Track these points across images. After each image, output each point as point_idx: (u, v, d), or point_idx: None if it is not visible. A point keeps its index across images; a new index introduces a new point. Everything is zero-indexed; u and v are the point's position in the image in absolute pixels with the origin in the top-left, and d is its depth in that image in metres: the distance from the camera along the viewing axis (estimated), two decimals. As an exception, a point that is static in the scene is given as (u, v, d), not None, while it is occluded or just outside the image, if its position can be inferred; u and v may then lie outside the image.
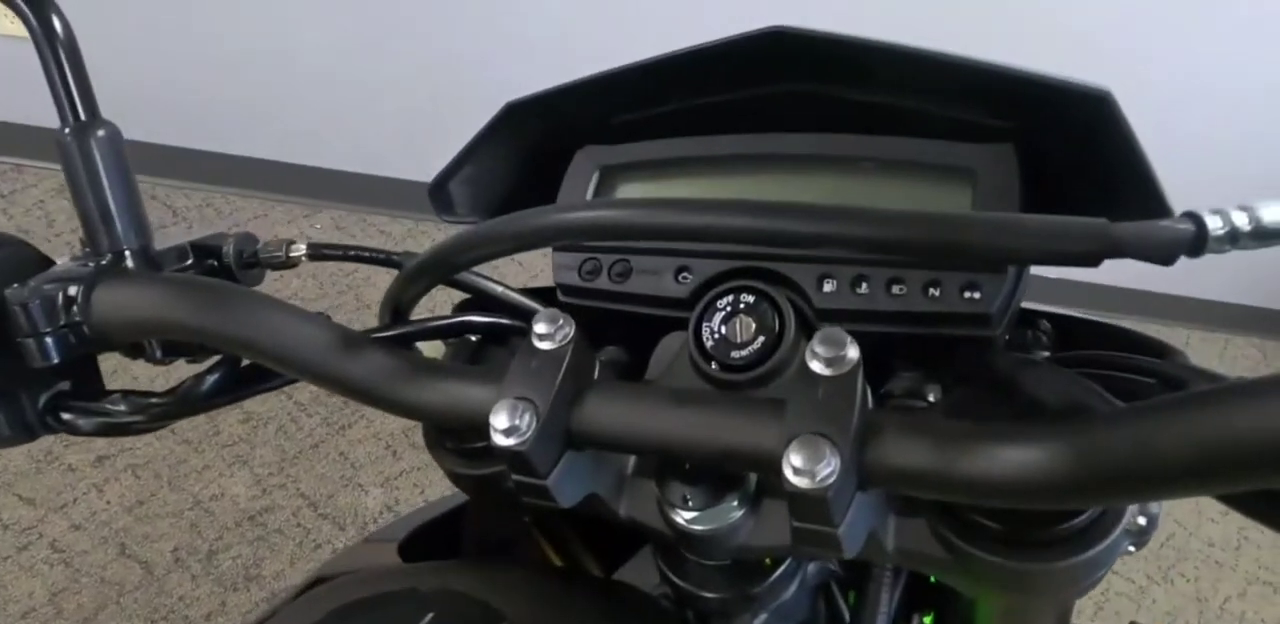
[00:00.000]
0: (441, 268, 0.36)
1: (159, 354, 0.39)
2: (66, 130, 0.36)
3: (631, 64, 0.41)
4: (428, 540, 0.49)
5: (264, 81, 1.99)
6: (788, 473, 0.26)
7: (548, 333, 0.32)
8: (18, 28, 0.35)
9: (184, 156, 2.08)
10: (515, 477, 0.31)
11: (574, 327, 0.32)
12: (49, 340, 0.34)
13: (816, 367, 0.28)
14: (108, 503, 1.50)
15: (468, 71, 1.94)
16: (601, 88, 0.42)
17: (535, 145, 0.46)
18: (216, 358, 0.38)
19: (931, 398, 0.37)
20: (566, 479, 0.31)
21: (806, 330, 0.36)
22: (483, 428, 0.30)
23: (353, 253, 0.42)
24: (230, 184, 2.14)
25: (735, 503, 0.32)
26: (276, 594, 1.41)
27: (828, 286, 0.37)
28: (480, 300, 0.45)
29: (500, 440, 0.30)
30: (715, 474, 0.33)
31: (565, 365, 0.31)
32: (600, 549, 0.52)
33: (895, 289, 0.36)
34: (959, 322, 0.35)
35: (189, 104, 2.00)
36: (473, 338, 0.43)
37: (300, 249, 0.42)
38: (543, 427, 0.30)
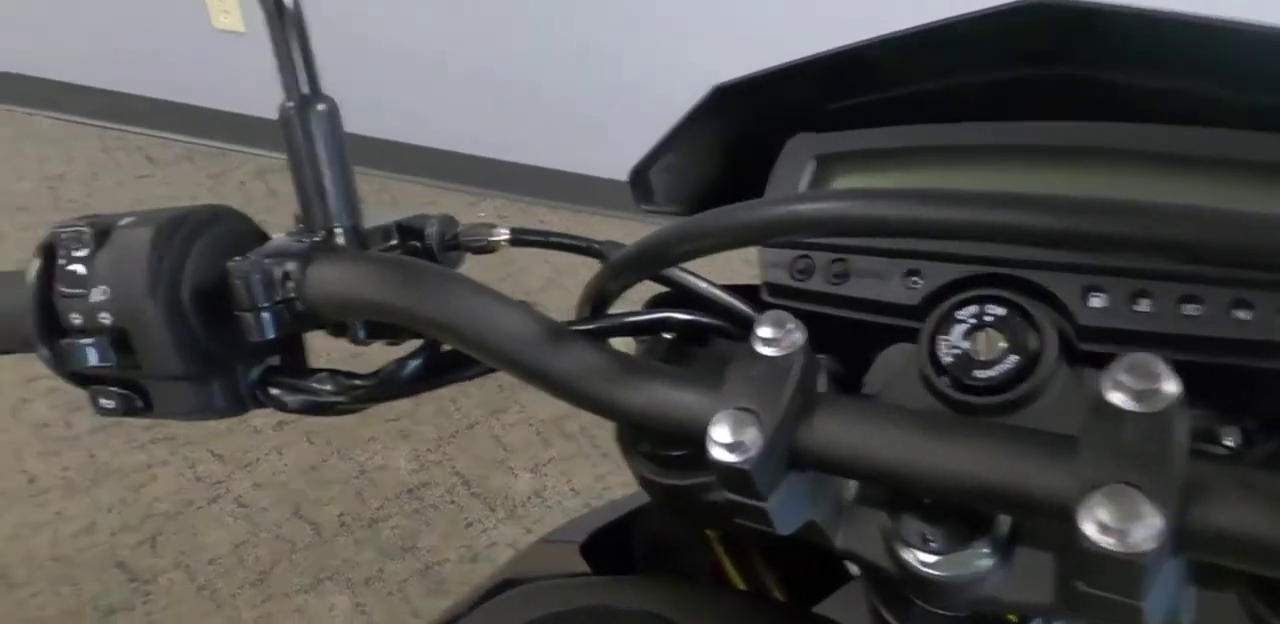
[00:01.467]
0: (653, 261, 0.33)
1: (362, 334, 0.38)
2: (290, 104, 0.36)
3: (856, 43, 0.37)
4: (606, 543, 0.48)
5: (434, 79, 2.09)
6: (1089, 529, 0.21)
7: (773, 337, 0.28)
8: (230, 22, 0.36)
9: (363, 144, 2.22)
10: (731, 496, 0.28)
11: (804, 332, 0.28)
12: (266, 315, 0.34)
13: (1119, 399, 0.23)
14: (286, 465, 1.61)
15: (621, 68, 1.98)
16: (821, 70, 0.38)
17: (743, 132, 0.43)
18: (418, 343, 0.38)
19: (1229, 442, 0.31)
20: (787, 503, 0.28)
21: (1067, 352, 0.31)
22: (694, 438, 0.27)
23: (554, 239, 0.41)
24: (405, 171, 2.26)
25: (986, 550, 0.28)
26: (468, 588, 1.47)
27: (1095, 301, 0.31)
28: (677, 296, 0.42)
29: (721, 455, 0.26)
30: (961, 513, 0.28)
31: (793, 375, 0.27)
32: (783, 572, 0.48)
33: (1189, 308, 0.30)
34: (1277, 353, 0.29)
35: (374, 97, 2.12)
36: (667, 336, 0.41)
37: (503, 233, 0.40)
38: (768, 443, 0.26)
